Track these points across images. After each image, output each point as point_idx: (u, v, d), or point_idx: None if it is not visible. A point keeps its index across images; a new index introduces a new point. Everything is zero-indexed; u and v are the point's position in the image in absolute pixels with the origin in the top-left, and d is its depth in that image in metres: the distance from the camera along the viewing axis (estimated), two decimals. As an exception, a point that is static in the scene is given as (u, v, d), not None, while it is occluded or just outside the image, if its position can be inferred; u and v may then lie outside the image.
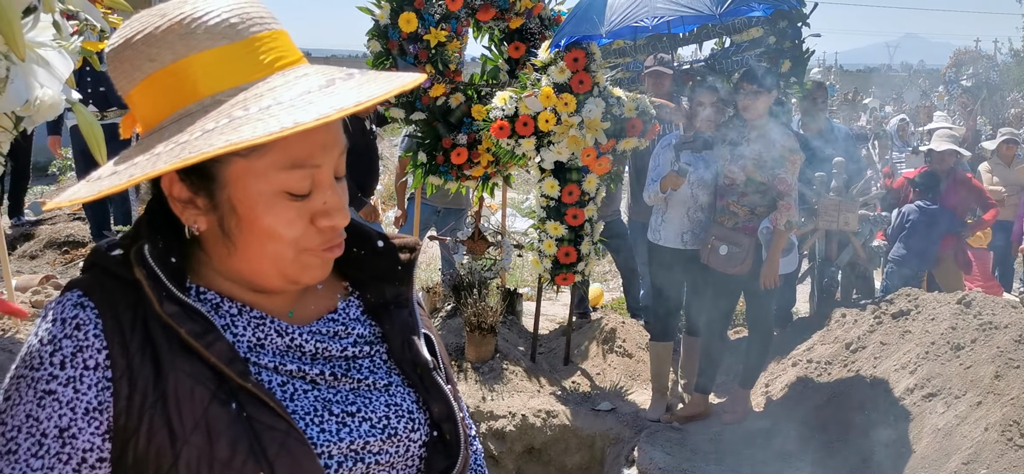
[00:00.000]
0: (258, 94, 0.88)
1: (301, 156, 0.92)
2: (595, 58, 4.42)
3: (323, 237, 0.96)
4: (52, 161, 9.90)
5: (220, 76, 0.89)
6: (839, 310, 5.20)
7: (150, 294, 0.92)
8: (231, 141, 0.82)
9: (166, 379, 0.90)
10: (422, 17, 4.70)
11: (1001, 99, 11.41)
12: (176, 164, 0.84)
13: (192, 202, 0.95)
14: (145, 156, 0.88)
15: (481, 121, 4.69)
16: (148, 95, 0.91)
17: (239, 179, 0.92)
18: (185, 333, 0.91)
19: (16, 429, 0.88)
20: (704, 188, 4.33)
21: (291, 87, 0.88)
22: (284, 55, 0.93)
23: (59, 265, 6.62)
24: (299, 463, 0.92)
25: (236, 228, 0.94)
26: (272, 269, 0.97)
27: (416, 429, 1.04)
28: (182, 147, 0.85)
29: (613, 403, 4.70)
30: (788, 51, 4.85)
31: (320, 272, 0.99)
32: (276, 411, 0.92)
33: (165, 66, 0.90)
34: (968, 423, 3.53)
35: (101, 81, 5.88)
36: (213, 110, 0.87)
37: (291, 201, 0.93)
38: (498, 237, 5.55)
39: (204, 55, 0.89)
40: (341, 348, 1.04)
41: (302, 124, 0.82)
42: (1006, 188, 7.27)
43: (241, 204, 0.93)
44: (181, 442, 0.89)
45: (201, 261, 0.99)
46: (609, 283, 8.00)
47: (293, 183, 0.93)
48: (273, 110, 0.85)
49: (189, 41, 0.89)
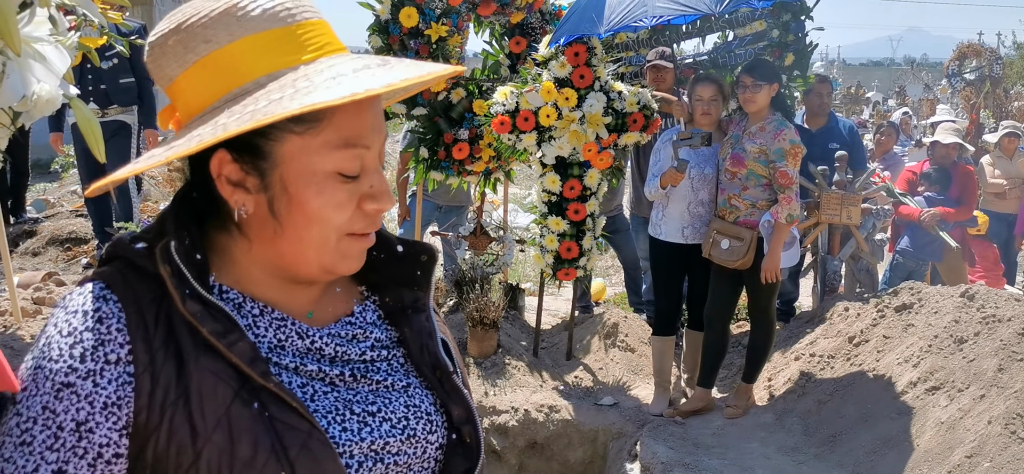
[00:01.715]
0: (318, 70, 0.89)
1: (353, 136, 0.93)
2: (596, 53, 4.41)
3: (367, 221, 0.97)
4: (54, 158, 9.91)
5: (275, 57, 0.91)
6: (842, 304, 5.19)
7: (173, 291, 0.91)
8: (304, 104, 0.83)
9: (189, 376, 0.90)
10: (423, 12, 4.69)
11: (1004, 92, 11.37)
12: (248, 125, 0.84)
13: (242, 183, 0.94)
14: (207, 127, 0.88)
15: (482, 117, 4.68)
16: (201, 77, 0.91)
17: (293, 157, 0.92)
18: (207, 332, 0.90)
19: (31, 420, 0.87)
20: (705, 182, 4.33)
21: (348, 64, 0.90)
22: (332, 42, 0.95)
23: (61, 262, 6.63)
24: (320, 463, 0.91)
25: (286, 209, 0.94)
26: (314, 256, 0.96)
27: (434, 431, 1.04)
28: (252, 114, 0.85)
29: (615, 398, 4.70)
30: (791, 45, 4.85)
31: (356, 262, 0.99)
32: (298, 411, 0.92)
33: (221, 46, 0.90)
34: (971, 416, 3.52)
35: (102, 78, 5.87)
36: (274, 83, 0.89)
37: (342, 183, 0.94)
38: (500, 233, 5.55)
39: (259, 36, 0.90)
40: (359, 351, 1.03)
41: (372, 89, 0.84)
42: (1008, 181, 7.26)
43: (293, 184, 0.93)
44: (203, 440, 0.88)
45: (233, 256, 0.99)
46: (611, 278, 8.00)
47: (345, 163, 0.93)
48: (339, 81, 0.86)
49: (244, 23, 0.90)
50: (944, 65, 11.53)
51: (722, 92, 4.35)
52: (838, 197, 5.21)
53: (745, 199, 4.16)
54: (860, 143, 6.24)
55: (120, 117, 6.04)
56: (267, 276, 1.00)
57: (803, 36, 4.89)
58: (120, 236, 0.97)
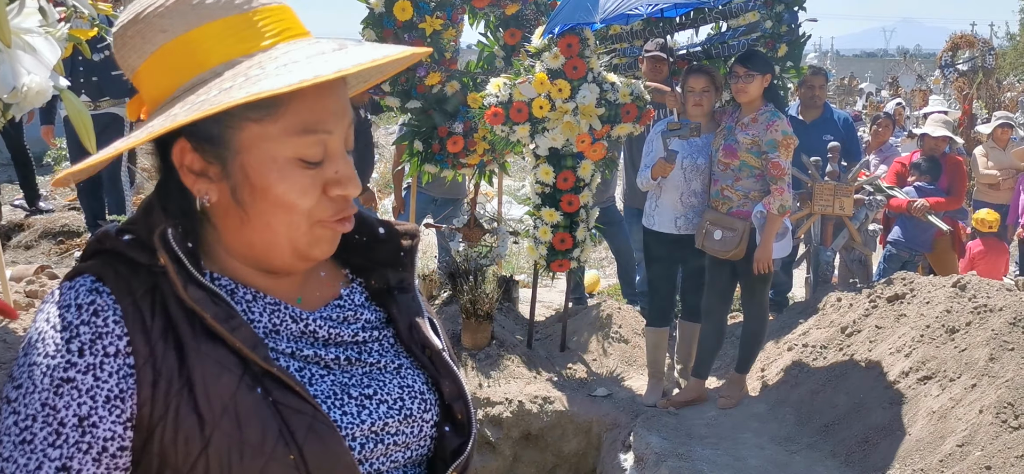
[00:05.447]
0: (272, 57, 0.89)
1: (313, 121, 0.93)
2: (589, 44, 4.41)
3: (335, 207, 0.96)
4: (46, 151, 9.87)
5: (231, 45, 0.91)
6: (834, 294, 5.21)
7: (175, 279, 0.91)
8: (251, 93, 0.84)
9: (191, 365, 0.90)
10: (417, 5, 4.68)
11: (997, 83, 11.41)
12: (195, 115, 0.84)
13: (204, 172, 0.94)
14: (160, 118, 0.89)
15: (477, 109, 4.68)
16: (159, 67, 0.92)
17: (252, 145, 0.92)
18: (210, 318, 0.90)
19: (31, 418, 0.86)
20: (698, 173, 4.34)
21: (303, 50, 0.90)
22: (292, 27, 0.94)
23: (54, 255, 6.61)
24: (327, 446, 0.92)
25: (249, 197, 0.94)
26: (285, 242, 0.96)
27: (428, 410, 1.05)
28: (200, 105, 0.86)
29: (609, 389, 4.71)
30: (784, 36, 4.86)
31: (329, 246, 0.99)
32: (301, 395, 0.92)
33: (177, 36, 0.90)
34: (963, 406, 3.54)
35: (94, 71, 5.84)
36: (227, 73, 0.89)
37: (304, 169, 0.93)
38: (494, 224, 5.55)
39: (215, 25, 0.90)
40: (351, 333, 1.04)
41: (322, 76, 0.84)
42: (1001, 172, 7.29)
43: (254, 171, 0.93)
44: (211, 428, 0.88)
45: (213, 245, 0.99)
46: (605, 269, 8.01)
47: (306, 149, 0.93)
48: (290, 68, 0.86)
49: (200, 12, 0.90)
50: (937, 56, 11.54)
51: (715, 83, 4.36)
52: (831, 188, 5.22)
53: (738, 190, 4.16)
54: (855, 135, 6.26)
55: (112, 110, 6.01)
56: (246, 266, 1.00)
57: (796, 27, 4.90)
58: (105, 229, 0.97)
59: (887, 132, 7.42)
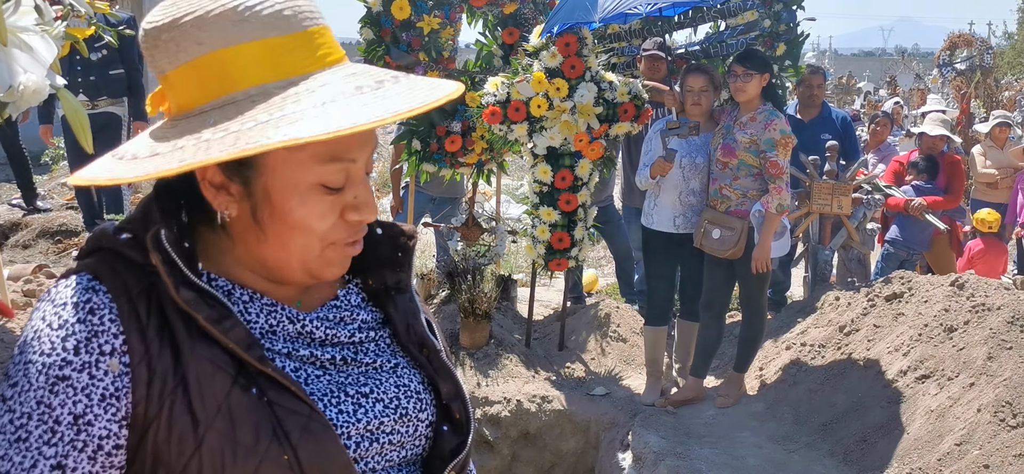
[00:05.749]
0: (309, 89, 0.87)
1: (340, 150, 0.92)
2: (587, 43, 4.41)
3: (350, 231, 0.97)
4: (44, 150, 9.85)
5: (270, 67, 0.89)
6: (832, 293, 5.21)
7: (166, 279, 0.90)
8: (289, 136, 0.82)
9: (186, 365, 0.89)
10: (415, 4, 4.67)
11: (995, 82, 11.41)
12: (231, 155, 0.83)
13: (225, 188, 0.93)
14: (192, 141, 0.86)
15: (475, 108, 4.67)
16: (190, 79, 0.90)
17: (277, 169, 0.92)
18: (202, 319, 0.90)
19: (25, 416, 0.86)
20: (696, 172, 4.33)
21: (339, 85, 0.88)
22: (332, 51, 0.92)
23: (52, 255, 6.60)
24: (322, 445, 0.92)
25: (269, 218, 0.94)
26: (297, 262, 0.96)
27: (424, 409, 1.05)
28: (235, 137, 0.84)
29: (608, 388, 4.71)
30: (782, 35, 4.86)
31: (340, 268, 1.00)
32: (297, 395, 0.92)
33: (213, 51, 0.88)
34: (961, 404, 3.55)
35: (91, 70, 5.83)
36: (262, 102, 0.87)
37: (325, 194, 0.93)
38: (492, 223, 5.55)
39: (255, 45, 0.88)
40: (348, 333, 1.04)
41: (359, 125, 0.83)
42: (999, 171, 7.29)
43: (277, 194, 0.93)
44: (204, 428, 0.88)
45: (213, 247, 0.98)
46: (603, 268, 8.00)
47: (329, 176, 0.93)
48: (328, 108, 0.84)
49: (241, 28, 0.88)
50: (935, 55, 11.54)
51: (713, 82, 4.35)
52: (829, 187, 5.22)
53: (736, 189, 4.16)
54: (853, 134, 6.25)
55: (110, 109, 6.01)
56: (251, 272, 1.00)
57: (795, 26, 4.90)
58: (103, 227, 0.97)
59: (885, 131, 7.42)
